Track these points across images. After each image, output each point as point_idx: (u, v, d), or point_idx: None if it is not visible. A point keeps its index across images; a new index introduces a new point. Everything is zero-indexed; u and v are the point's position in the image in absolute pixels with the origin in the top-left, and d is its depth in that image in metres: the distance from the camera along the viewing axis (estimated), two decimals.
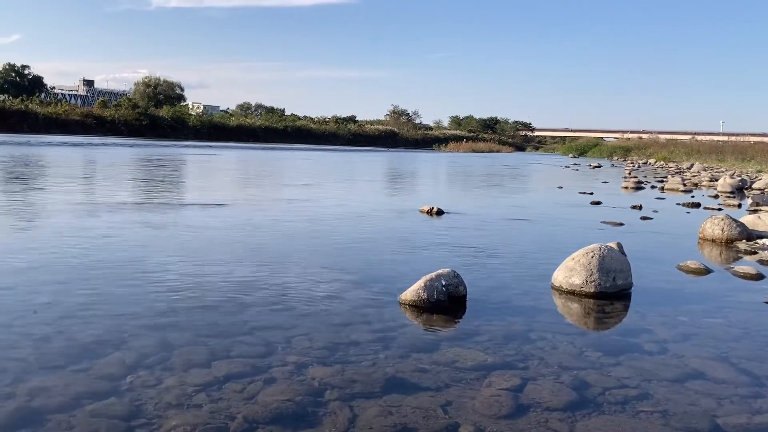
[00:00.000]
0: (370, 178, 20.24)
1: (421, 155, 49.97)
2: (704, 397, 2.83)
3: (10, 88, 79.59)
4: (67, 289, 4.27)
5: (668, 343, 3.58)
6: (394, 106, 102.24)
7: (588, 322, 4.15)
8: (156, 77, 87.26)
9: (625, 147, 60.90)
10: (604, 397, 2.80)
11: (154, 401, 2.58)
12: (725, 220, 7.40)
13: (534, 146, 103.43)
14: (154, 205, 9.25)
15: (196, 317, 3.74)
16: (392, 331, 3.62)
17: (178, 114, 68.52)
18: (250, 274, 4.95)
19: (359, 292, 4.50)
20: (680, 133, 75.74)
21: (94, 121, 59.17)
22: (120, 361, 3.00)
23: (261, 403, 2.61)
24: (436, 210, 9.30)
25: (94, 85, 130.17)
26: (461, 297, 4.28)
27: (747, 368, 3.22)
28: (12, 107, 54.88)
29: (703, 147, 46.61)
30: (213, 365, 2.99)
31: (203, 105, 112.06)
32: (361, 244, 6.62)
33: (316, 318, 3.82)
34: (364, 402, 2.66)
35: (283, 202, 10.80)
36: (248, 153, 36.70)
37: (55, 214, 7.80)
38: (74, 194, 10.66)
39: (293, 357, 3.13)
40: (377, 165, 29.88)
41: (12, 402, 2.53)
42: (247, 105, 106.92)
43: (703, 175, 24.03)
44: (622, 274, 4.68)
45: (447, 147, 77.56)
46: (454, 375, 2.98)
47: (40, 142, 34.62)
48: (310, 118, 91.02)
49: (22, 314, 3.66)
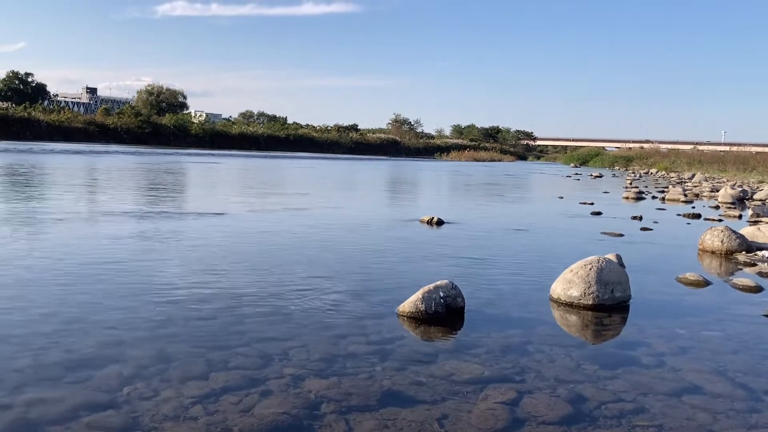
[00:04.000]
0: (370, 187, 20.27)
1: (423, 164, 50.03)
2: (701, 412, 2.83)
3: (13, 96, 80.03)
4: (66, 299, 4.28)
5: (665, 357, 3.58)
6: (396, 115, 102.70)
7: (586, 334, 4.15)
8: (159, 85, 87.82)
9: (627, 156, 60.88)
10: (600, 411, 2.80)
11: (150, 413, 2.59)
12: (725, 231, 7.40)
13: (536, 155, 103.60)
14: (154, 215, 9.27)
15: (194, 328, 3.75)
16: (389, 343, 3.63)
17: (181, 122, 68.74)
18: (248, 284, 4.96)
19: (357, 303, 4.50)
20: (682, 143, 75.77)
21: (97, 129, 59.40)
22: (117, 372, 3.00)
23: (257, 415, 2.61)
24: (437, 220, 9.31)
25: (97, 92, 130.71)
26: (459, 309, 4.28)
27: (744, 382, 3.22)
28: (15, 115, 55.11)
29: (704, 157, 46.60)
30: (210, 377, 2.99)
31: (205, 113, 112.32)
32: (360, 255, 6.63)
33: (313, 329, 3.82)
34: (360, 415, 2.66)
35: (283, 211, 10.82)
36: (250, 161, 36.78)
37: (54, 224, 7.81)
38: (74, 203, 10.69)
39: (290, 369, 3.14)
40: (378, 174, 29.92)
41: (9, 414, 2.54)
42: (249, 113, 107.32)
43: (705, 185, 24.04)
44: (621, 287, 4.68)
45: (449, 156, 77.65)
46: (451, 388, 2.99)
47: (42, 149, 34.72)
48: (312, 126, 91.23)
49: (21, 325, 3.67)
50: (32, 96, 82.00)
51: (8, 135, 49.81)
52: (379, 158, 60.85)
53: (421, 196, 17.82)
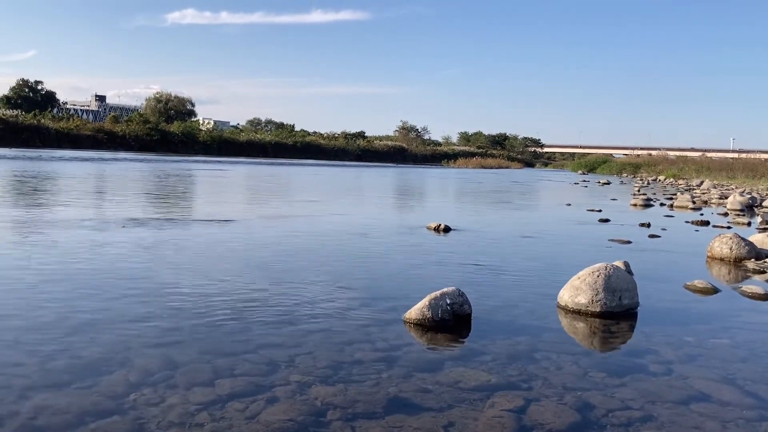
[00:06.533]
0: (378, 194, 20.28)
1: (430, 171, 50.02)
2: (709, 420, 2.81)
3: (23, 104, 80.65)
4: (74, 305, 4.30)
5: (673, 364, 3.56)
6: (403, 122, 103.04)
7: (593, 342, 4.13)
8: (167, 93, 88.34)
9: (635, 164, 60.75)
10: (608, 419, 2.79)
11: (156, 419, 2.59)
12: (734, 238, 7.36)
13: (543, 162, 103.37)
14: (162, 221, 9.31)
15: (201, 335, 3.75)
16: (396, 350, 3.62)
17: (189, 129, 69.00)
18: (255, 291, 4.96)
19: (364, 310, 4.50)
20: (690, 150, 75.60)
21: (105, 136, 59.71)
22: (124, 378, 3.01)
23: (263, 422, 2.61)
24: (444, 227, 9.30)
25: (106, 100, 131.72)
26: (466, 316, 4.27)
27: (753, 390, 3.20)
28: (25, 122, 55.45)
29: (713, 164, 46.46)
30: (216, 383, 3.00)
31: (213, 120, 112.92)
32: (367, 261, 6.63)
33: (320, 336, 3.82)
34: (366, 422, 2.66)
35: (291, 218, 10.83)
36: (257, 168, 36.87)
37: (63, 230, 7.85)
38: (83, 209, 10.73)
39: (296, 376, 3.14)
40: (385, 181, 29.94)
41: (16, 420, 2.55)
42: (257, 120, 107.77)
43: (713, 192, 23.91)
44: (629, 294, 4.66)
45: (456, 163, 77.56)
46: (457, 395, 2.98)
47: (51, 156, 34.92)
48: (319, 133, 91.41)
49: (29, 330, 3.68)
50: (41, 104, 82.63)
51: (18, 142, 50.16)
52: (386, 165, 60.87)
53: (428, 203, 17.81)
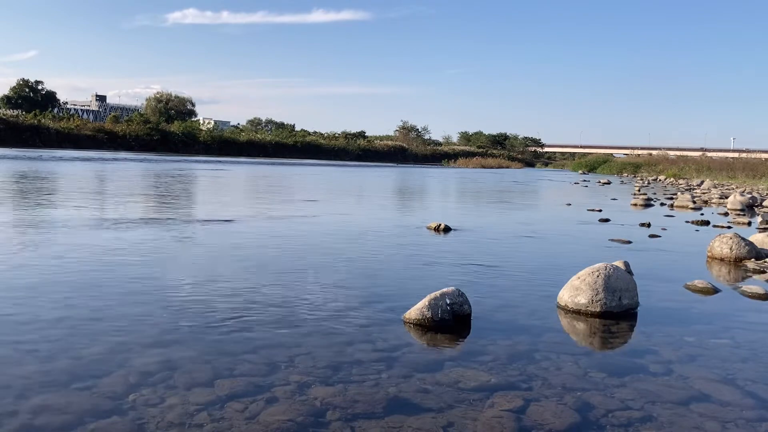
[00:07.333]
0: (378, 193, 20.27)
1: (430, 171, 50.02)
2: (709, 420, 2.81)
3: (23, 104, 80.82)
4: (73, 305, 4.30)
5: (673, 365, 3.55)
6: (403, 122, 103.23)
7: (593, 342, 4.13)
8: (167, 93, 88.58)
9: (635, 163, 60.78)
10: (608, 419, 2.78)
11: (156, 420, 2.59)
12: (734, 238, 7.35)
13: (543, 162, 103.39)
14: (162, 221, 9.31)
15: (201, 335, 3.75)
16: (395, 351, 3.62)
17: (189, 129, 69.02)
18: (255, 291, 4.96)
19: (364, 310, 4.50)
20: (690, 150, 75.55)
21: (106, 136, 59.73)
22: (123, 379, 3.01)
23: (262, 422, 2.61)
24: (444, 227, 9.30)
25: (107, 100, 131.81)
26: (466, 316, 4.27)
27: (753, 391, 3.19)
28: (25, 122, 55.47)
29: (713, 164, 46.47)
30: (216, 384, 2.99)
31: (214, 120, 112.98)
32: (367, 261, 6.62)
33: (319, 336, 3.82)
34: (365, 422, 2.65)
35: (291, 218, 10.83)
36: (258, 168, 36.88)
37: (63, 230, 7.85)
38: (83, 210, 10.73)
39: (296, 376, 3.14)
40: (386, 181, 29.93)
41: (15, 420, 2.55)
42: (257, 120, 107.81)
43: (713, 192, 23.91)
44: (628, 294, 4.66)
45: (456, 163, 77.63)
46: (457, 395, 2.98)
47: (52, 156, 34.92)
48: (319, 133, 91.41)
49: (29, 330, 3.68)
50: (42, 104, 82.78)
51: (18, 142, 50.19)
52: (386, 165, 60.88)
53: (428, 203, 17.80)
